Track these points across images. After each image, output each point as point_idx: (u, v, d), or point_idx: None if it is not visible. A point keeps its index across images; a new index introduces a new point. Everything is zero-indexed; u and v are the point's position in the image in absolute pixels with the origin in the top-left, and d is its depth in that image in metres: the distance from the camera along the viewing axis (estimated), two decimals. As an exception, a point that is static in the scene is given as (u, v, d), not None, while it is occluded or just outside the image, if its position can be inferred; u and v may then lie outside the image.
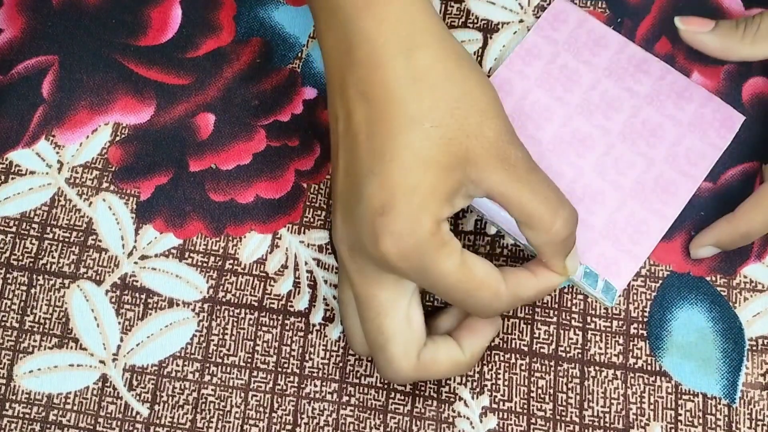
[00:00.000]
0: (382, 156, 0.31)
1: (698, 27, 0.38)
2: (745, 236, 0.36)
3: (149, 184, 0.40)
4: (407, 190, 0.30)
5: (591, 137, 0.40)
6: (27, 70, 0.42)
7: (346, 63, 0.32)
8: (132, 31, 0.42)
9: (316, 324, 0.39)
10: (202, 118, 0.41)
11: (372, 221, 0.31)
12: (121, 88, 0.42)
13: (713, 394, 0.37)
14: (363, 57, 0.31)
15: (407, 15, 0.32)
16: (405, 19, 0.32)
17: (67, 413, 0.38)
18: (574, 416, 0.37)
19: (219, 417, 0.38)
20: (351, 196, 0.32)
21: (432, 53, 0.31)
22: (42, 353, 0.38)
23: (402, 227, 0.30)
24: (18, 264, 0.39)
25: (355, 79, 0.32)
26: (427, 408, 0.38)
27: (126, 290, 0.39)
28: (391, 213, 0.30)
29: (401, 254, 0.30)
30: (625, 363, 0.38)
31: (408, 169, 0.30)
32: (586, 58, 0.41)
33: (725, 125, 0.40)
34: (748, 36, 0.37)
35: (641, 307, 0.38)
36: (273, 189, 0.40)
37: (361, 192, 0.31)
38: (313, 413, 0.38)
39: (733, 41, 0.37)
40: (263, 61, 0.42)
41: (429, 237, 0.30)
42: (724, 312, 0.38)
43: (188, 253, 0.39)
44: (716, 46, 0.38)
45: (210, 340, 0.38)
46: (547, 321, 0.38)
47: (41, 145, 0.41)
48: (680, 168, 0.39)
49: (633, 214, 0.39)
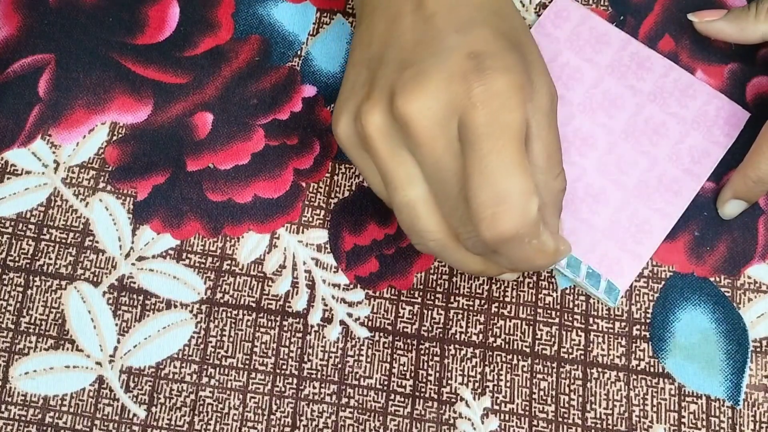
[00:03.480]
0: (470, 24, 0.31)
1: (711, 16, 0.39)
2: (758, 183, 0.37)
3: (146, 184, 0.40)
4: (502, 48, 0.30)
5: (593, 136, 0.39)
6: (23, 68, 0.41)
7: None
8: (129, 29, 0.42)
9: (315, 325, 0.38)
10: (200, 117, 0.41)
11: (461, 64, 0.29)
12: (118, 87, 0.41)
13: (717, 396, 0.37)
14: None
15: None
16: None
17: (64, 415, 0.37)
18: (576, 418, 0.37)
19: (217, 419, 0.37)
20: (429, 56, 0.30)
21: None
22: (38, 355, 0.38)
23: (497, 66, 0.29)
24: (14, 265, 0.39)
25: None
26: (427, 409, 0.37)
27: (123, 291, 0.39)
28: (483, 56, 0.30)
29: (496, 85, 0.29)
30: (627, 365, 0.37)
31: (500, 37, 0.31)
32: (588, 55, 0.41)
33: (730, 122, 0.39)
34: (761, 13, 0.38)
35: (644, 308, 0.38)
36: (271, 188, 0.40)
37: (446, 47, 0.30)
38: (312, 415, 0.37)
39: (747, 22, 0.38)
40: (262, 59, 0.42)
41: (520, 89, 0.29)
42: (728, 313, 0.38)
43: (186, 254, 0.39)
44: (732, 31, 0.39)
45: (208, 341, 0.38)
46: (550, 322, 0.38)
47: (37, 145, 0.40)
48: (684, 166, 0.39)
49: (636, 214, 0.38)
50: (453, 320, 0.38)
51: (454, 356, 0.38)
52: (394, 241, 0.39)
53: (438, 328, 0.38)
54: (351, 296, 0.39)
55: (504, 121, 0.29)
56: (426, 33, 0.31)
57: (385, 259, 0.39)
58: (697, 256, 0.39)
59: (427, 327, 0.38)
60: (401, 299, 0.39)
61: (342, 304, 0.39)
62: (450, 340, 0.38)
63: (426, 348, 0.38)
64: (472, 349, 0.38)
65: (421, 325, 0.38)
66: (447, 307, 0.38)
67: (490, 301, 0.38)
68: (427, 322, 0.38)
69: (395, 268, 0.39)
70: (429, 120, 0.29)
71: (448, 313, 0.38)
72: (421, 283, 0.39)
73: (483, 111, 0.29)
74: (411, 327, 0.38)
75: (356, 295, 0.39)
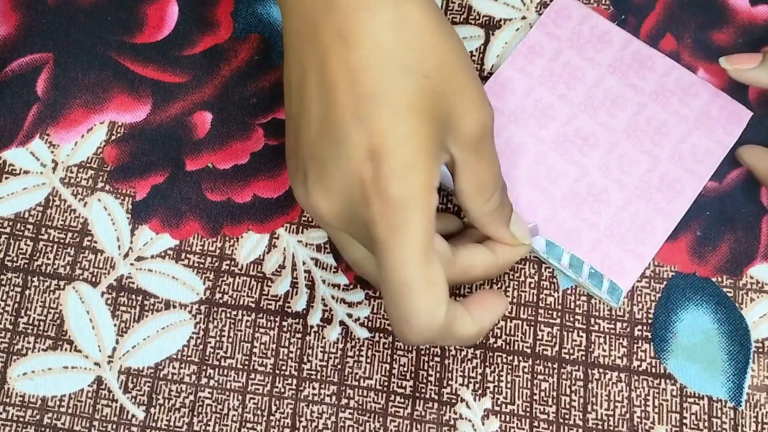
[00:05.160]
0: (371, 102, 0.29)
1: (745, 64, 0.38)
2: None
3: (145, 184, 0.40)
4: (402, 136, 0.29)
5: (595, 135, 0.39)
6: (21, 67, 0.41)
7: (321, 9, 0.30)
8: (128, 28, 0.42)
9: (314, 325, 0.38)
10: (199, 116, 0.41)
11: (359, 169, 0.29)
12: (116, 87, 0.41)
13: (719, 397, 0.37)
14: (346, 1, 0.30)
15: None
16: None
17: (62, 416, 0.37)
18: (577, 419, 0.37)
19: (216, 420, 0.37)
20: (329, 148, 0.30)
21: (420, 5, 0.30)
22: (36, 355, 0.38)
23: (396, 168, 0.29)
24: (12, 265, 0.39)
25: (335, 24, 0.30)
26: (427, 410, 0.37)
27: (122, 292, 0.38)
28: (381, 157, 0.29)
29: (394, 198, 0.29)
30: (629, 365, 0.37)
31: (402, 117, 0.29)
32: (589, 54, 0.40)
33: (732, 121, 0.39)
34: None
35: (646, 308, 0.38)
36: (271, 188, 0.40)
37: (343, 142, 0.29)
38: (312, 416, 0.37)
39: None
40: (261, 58, 0.41)
41: (421, 191, 0.29)
42: (731, 313, 0.38)
43: (185, 254, 0.39)
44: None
45: (207, 342, 0.38)
46: (551, 323, 0.38)
47: (35, 144, 0.40)
48: (686, 166, 0.39)
49: (638, 214, 0.38)
50: (453, 321, 0.38)
51: (455, 357, 0.38)
52: (394, 241, 0.39)
53: (438, 328, 0.38)
54: (351, 296, 0.38)
55: (404, 233, 0.29)
56: (328, 114, 0.30)
57: (385, 260, 0.39)
58: (699, 256, 0.39)
59: (427, 327, 0.38)
60: (401, 300, 0.38)
61: (342, 304, 0.38)
62: (450, 340, 0.38)
63: (426, 348, 0.38)
64: (472, 350, 0.38)
65: (422, 325, 0.38)
66: (447, 307, 0.38)
67: (490, 302, 0.38)
68: (428, 322, 0.38)
69: (395, 268, 0.39)
70: (335, 216, 0.31)
71: (448, 313, 0.38)
72: (421, 283, 0.39)
73: (382, 227, 0.29)
74: (411, 327, 0.38)
75: (356, 296, 0.39)
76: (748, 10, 0.41)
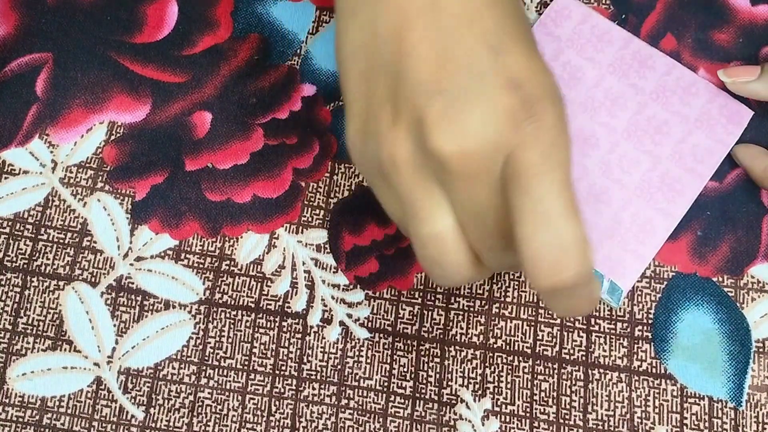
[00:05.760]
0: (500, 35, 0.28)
1: (744, 77, 0.38)
2: None
3: (144, 184, 0.40)
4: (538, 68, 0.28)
5: (595, 135, 0.39)
6: (20, 67, 0.41)
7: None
8: (127, 28, 0.42)
9: (314, 326, 0.38)
10: (199, 116, 0.40)
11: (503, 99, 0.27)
12: (116, 86, 0.41)
13: (719, 397, 0.37)
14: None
15: None
16: None
17: (61, 416, 0.37)
18: (577, 420, 0.37)
19: (216, 421, 0.37)
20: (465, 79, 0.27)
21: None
22: (36, 356, 0.38)
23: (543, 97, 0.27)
24: (12, 265, 0.39)
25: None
26: (427, 411, 0.37)
27: (121, 292, 0.38)
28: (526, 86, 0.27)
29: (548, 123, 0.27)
30: (629, 366, 0.37)
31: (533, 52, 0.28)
32: (589, 54, 0.40)
33: (733, 121, 0.39)
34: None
35: (646, 308, 0.38)
36: (270, 188, 0.40)
37: (484, 72, 0.27)
38: (312, 417, 0.37)
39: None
40: (261, 57, 0.41)
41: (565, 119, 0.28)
42: (731, 313, 0.38)
43: (184, 254, 0.39)
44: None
45: (206, 342, 0.38)
46: (551, 323, 0.38)
47: (35, 144, 0.40)
48: (687, 165, 0.39)
49: (638, 214, 0.38)
50: (453, 321, 0.38)
51: (455, 357, 0.38)
52: (394, 242, 0.39)
53: (438, 329, 0.38)
54: (351, 297, 0.38)
55: (557, 160, 0.27)
56: (447, 48, 0.28)
57: (385, 260, 0.39)
58: (699, 255, 0.38)
59: (427, 328, 0.38)
60: (401, 300, 0.38)
61: (342, 304, 0.38)
62: (450, 341, 0.38)
63: (426, 349, 0.38)
64: (472, 351, 0.38)
65: (422, 325, 0.38)
66: (447, 307, 0.38)
67: (490, 302, 0.38)
68: (428, 322, 0.38)
69: (395, 268, 0.39)
70: (470, 159, 0.27)
71: (448, 313, 0.38)
72: (421, 283, 0.39)
73: (535, 151, 0.26)
74: (411, 328, 0.38)
75: (356, 296, 0.38)
76: (748, 9, 0.41)
